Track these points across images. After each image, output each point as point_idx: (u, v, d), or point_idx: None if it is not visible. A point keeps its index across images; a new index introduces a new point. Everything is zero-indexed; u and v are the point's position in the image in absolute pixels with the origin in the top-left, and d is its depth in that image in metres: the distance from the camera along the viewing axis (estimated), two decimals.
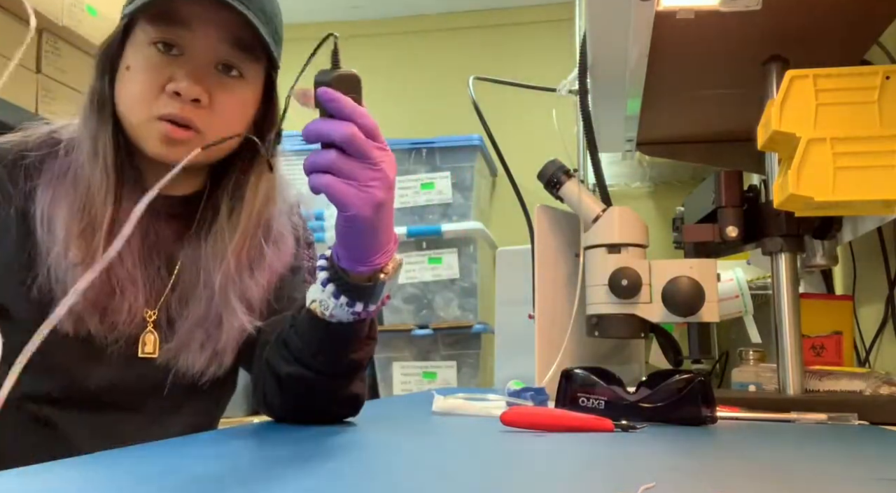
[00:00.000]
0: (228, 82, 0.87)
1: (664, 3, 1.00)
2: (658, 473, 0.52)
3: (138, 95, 0.85)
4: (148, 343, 0.88)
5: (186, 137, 0.84)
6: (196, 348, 0.88)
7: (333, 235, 0.74)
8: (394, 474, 0.52)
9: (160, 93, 0.84)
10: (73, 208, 0.84)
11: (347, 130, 0.66)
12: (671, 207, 2.07)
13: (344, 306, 0.75)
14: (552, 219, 1.25)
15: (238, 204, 0.92)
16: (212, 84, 0.85)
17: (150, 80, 0.84)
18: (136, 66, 0.85)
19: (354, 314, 0.76)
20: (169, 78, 0.84)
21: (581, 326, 1.17)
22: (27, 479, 0.48)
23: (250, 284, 0.91)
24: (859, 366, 1.54)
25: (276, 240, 0.95)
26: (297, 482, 0.48)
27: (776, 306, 1.13)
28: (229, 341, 0.89)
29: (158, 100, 0.84)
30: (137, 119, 0.85)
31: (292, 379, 0.81)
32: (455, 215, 2.73)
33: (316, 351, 0.79)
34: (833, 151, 0.89)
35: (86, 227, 0.84)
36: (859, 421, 0.91)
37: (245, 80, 0.88)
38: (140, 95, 0.85)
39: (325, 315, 0.76)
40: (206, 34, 0.85)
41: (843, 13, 1.04)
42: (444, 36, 3.30)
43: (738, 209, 1.16)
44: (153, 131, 0.85)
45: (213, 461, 0.56)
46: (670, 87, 1.29)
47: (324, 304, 0.75)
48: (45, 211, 0.84)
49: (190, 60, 0.85)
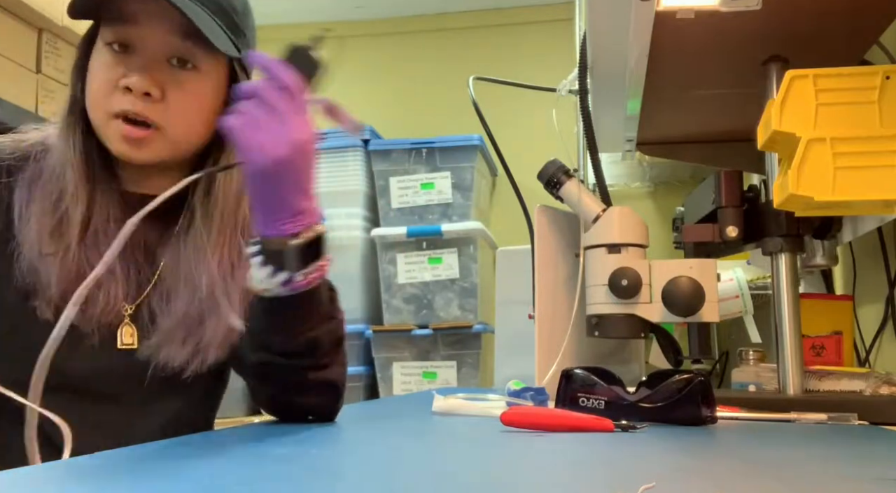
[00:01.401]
0: (182, 75, 0.87)
1: (664, 3, 1.00)
2: (658, 473, 0.52)
3: (95, 93, 0.87)
4: (126, 335, 0.90)
5: (144, 136, 0.86)
6: (177, 344, 0.89)
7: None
8: (394, 474, 0.52)
9: (114, 90, 0.85)
10: (46, 205, 0.88)
11: (253, 87, 0.72)
12: (671, 207, 2.07)
13: (268, 276, 0.75)
14: (552, 219, 1.25)
15: (211, 203, 0.92)
16: (164, 78, 0.86)
17: (105, 78, 0.86)
18: (94, 67, 0.88)
19: (283, 285, 0.76)
20: (122, 75, 0.85)
21: (581, 326, 1.17)
22: (21, 479, 0.48)
23: (232, 284, 0.91)
24: (859, 366, 1.54)
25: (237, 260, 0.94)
26: (296, 482, 0.48)
27: (776, 306, 1.13)
28: (214, 338, 0.90)
29: (112, 97, 0.85)
30: (98, 118, 0.88)
31: (260, 366, 0.83)
32: (455, 215, 2.73)
33: (269, 331, 0.80)
34: (833, 151, 0.89)
35: (58, 222, 0.87)
36: (859, 421, 0.91)
37: (201, 73, 0.88)
38: (96, 94, 0.87)
39: (260, 289, 0.77)
40: (155, 29, 0.86)
41: (843, 13, 1.04)
42: (444, 36, 3.30)
43: (738, 209, 1.16)
44: (112, 130, 0.87)
45: (213, 461, 0.56)
46: (670, 87, 1.29)
47: (256, 277, 0.77)
48: (22, 208, 0.88)
49: (141, 56, 0.86)
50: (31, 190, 0.89)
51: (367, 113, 3.16)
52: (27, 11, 1.65)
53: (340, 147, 2.79)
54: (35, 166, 0.91)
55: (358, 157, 2.78)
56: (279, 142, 0.72)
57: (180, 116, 0.88)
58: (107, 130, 0.87)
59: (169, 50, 0.86)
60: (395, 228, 2.71)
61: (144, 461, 0.56)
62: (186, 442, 0.67)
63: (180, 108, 0.87)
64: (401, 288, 2.69)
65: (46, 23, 1.71)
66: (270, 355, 0.81)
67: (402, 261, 2.71)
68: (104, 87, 0.86)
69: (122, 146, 0.87)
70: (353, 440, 0.73)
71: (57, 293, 0.85)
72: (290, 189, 0.75)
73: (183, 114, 0.88)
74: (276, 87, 0.72)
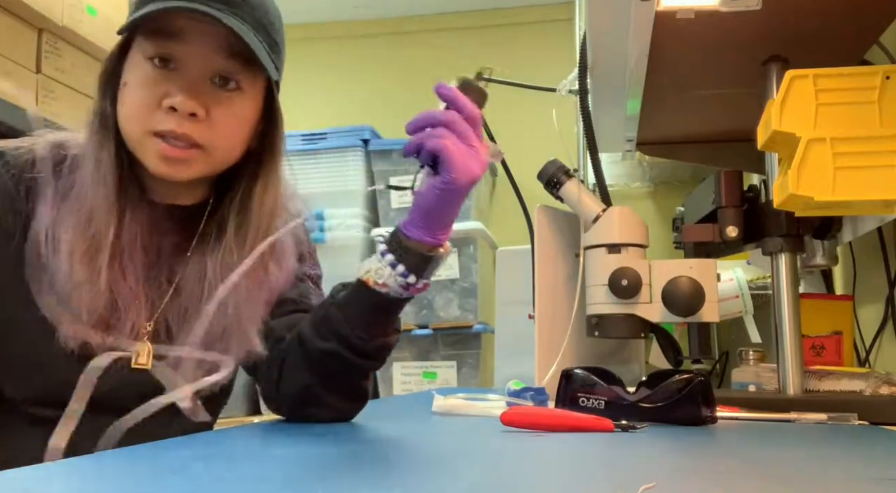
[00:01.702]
0: (225, 95, 0.86)
1: (664, 3, 1.00)
2: (658, 473, 0.52)
3: (135, 110, 0.84)
4: (141, 354, 0.87)
5: (187, 156, 0.85)
6: (192, 368, 0.88)
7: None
8: (394, 474, 0.52)
9: (156, 108, 0.83)
10: (78, 229, 0.84)
11: (453, 115, 0.77)
12: (671, 207, 2.07)
13: (399, 276, 0.79)
14: (552, 219, 1.25)
15: (245, 218, 0.92)
16: (208, 98, 0.85)
17: (146, 95, 0.84)
18: (133, 81, 0.85)
19: (405, 287, 0.80)
20: (165, 93, 0.83)
21: (581, 326, 1.17)
22: (25, 479, 0.48)
23: (257, 303, 0.91)
24: (859, 366, 1.54)
25: (278, 257, 0.94)
26: (296, 482, 0.48)
27: (776, 306, 1.13)
28: (232, 357, 0.89)
29: (154, 115, 0.83)
30: (135, 135, 0.85)
31: (326, 356, 0.83)
32: None
33: (356, 323, 0.82)
34: (833, 151, 0.89)
35: (89, 246, 0.84)
36: (859, 421, 0.91)
37: (243, 92, 0.88)
38: (136, 111, 0.84)
39: (378, 285, 0.80)
40: (201, 47, 0.84)
41: (843, 13, 1.04)
42: (444, 36, 3.30)
43: (738, 209, 1.16)
44: (150, 148, 0.85)
45: (213, 461, 0.56)
46: (670, 87, 1.29)
47: (378, 273, 0.80)
48: (49, 231, 0.84)
49: (185, 74, 0.84)
50: (58, 208, 0.85)
51: (366, 113, 3.16)
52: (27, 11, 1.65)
53: (340, 147, 2.78)
54: (61, 182, 0.87)
55: (358, 157, 2.78)
56: (478, 165, 0.78)
57: (224, 137, 0.87)
58: (144, 147, 0.85)
59: (213, 69, 0.85)
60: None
61: (144, 461, 0.56)
62: (186, 443, 0.67)
63: (224, 128, 0.86)
64: None
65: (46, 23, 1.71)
66: (342, 348, 0.83)
67: None
68: (145, 104, 0.84)
69: (160, 166, 0.85)
70: (354, 440, 0.73)
71: (88, 321, 0.83)
72: (458, 207, 0.80)
73: (226, 134, 0.87)
74: (464, 117, 0.78)
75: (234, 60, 0.85)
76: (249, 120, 0.90)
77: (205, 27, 0.83)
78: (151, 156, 0.85)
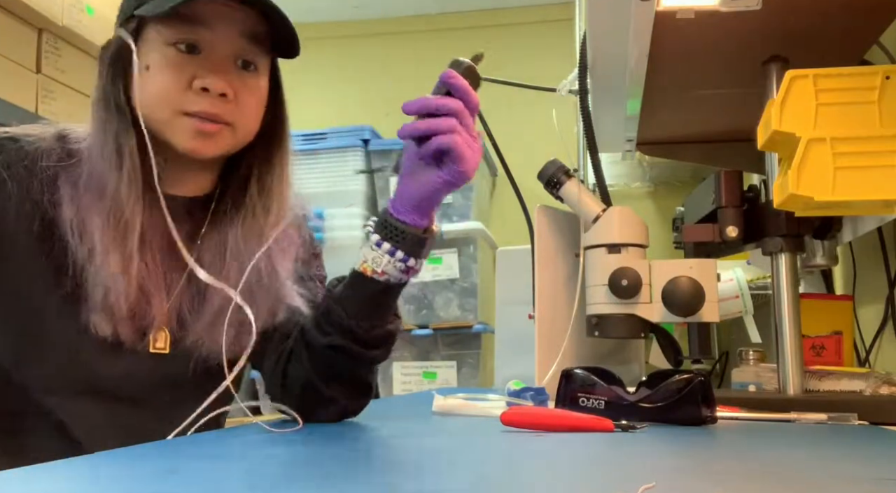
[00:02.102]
0: (247, 76, 0.90)
1: (664, 3, 1.00)
2: (658, 473, 0.52)
3: (163, 92, 0.86)
4: (159, 339, 0.90)
5: (217, 130, 0.87)
6: (213, 339, 0.89)
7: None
8: (393, 473, 0.52)
9: (186, 90, 0.86)
10: (105, 218, 0.85)
11: (460, 105, 0.79)
12: (671, 207, 2.07)
13: (398, 262, 0.83)
14: (552, 219, 1.25)
15: (267, 186, 0.95)
16: (233, 79, 0.88)
17: (175, 78, 0.86)
18: (157, 65, 0.87)
19: (405, 271, 0.83)
20: (193, 75, 0.86)
21: (581, 326, 1.17)
22: (30, 478, 0.48)
23: (283, 269, 0.93)
24: (859, 366, 1.54)
25: (284, 247, 0.96)
26: (296, 482, 0.48)
27: (776, 306, 1.13)
28: (259, 315, 0.89)
29: (185, 96, 0.86)
30: (164, 116, 0.87)
31: (330, 350, 0.85)
32: (455, 215, 2.73)
33: (358, 314, 0.84)
34: (833, 151, 0.89)
35: (120, 236, 0.85)
36: (859, 421, 0.91)
37: (259, 73, 0.92)
38: (165, 93, 0.86)
39: (376, 273, 0.83)
40: (227, 32, 0.87)
41: (843, 13, 1.04)
42: (444, 36, 3.30)
43: (738, 209, 1.16)
44: (183, 127, 0.87)
45: (213, 461, 0.56)
46: (670, 87, 1.29)
47: (376, 262, 0.83)
48: (74, 221, 0.85)
49: (211, 57, 0.87)
50: (82, 198, 0.86)
51: (366, 113, 3.16)
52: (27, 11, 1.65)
53: (340, 147, 2.79)
54: (73, 171, 0.87)
55: (358, 157, 2.78)
56: (477, 157, 0.81)
57: (248, 115, 0.91)
58: (176, 127, 0.87)
59: (236, 52, 0.88)
60: None
61: (145, 461, 0.56)
62: (188, 442, 0.67)
63: (249, 107, 0.90)
64: None
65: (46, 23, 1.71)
66: (345, 340, 0.85)
67: None
68: (174, 86, 0.86)
69: (193, 142, 0.87)
70: (353, 439, 0.73)
71: (120, 311, 0.84)
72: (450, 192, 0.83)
73: (251, 112, 0.91)
74: (469, 108, 0.80)
75: (253, 43, 0.89)
76: (265, 99, 0.94)
77: (229, 13, 0.87)
78: (183, 133, 0.87)
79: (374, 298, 0.84)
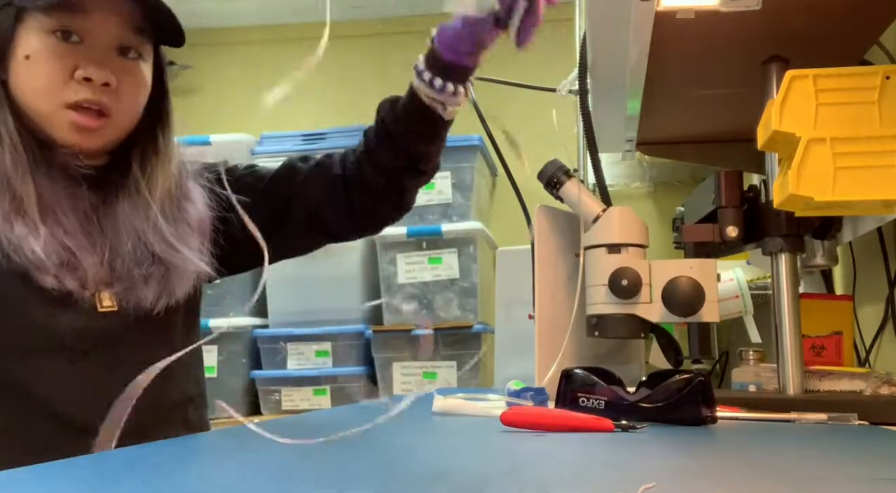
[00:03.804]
0: (129, 65, 0.92)
1: (664, 3, 1.00)
2: (658, 473, 0.52)
3: (44, 83, 0.87)
4: (105, 299, 0.93)
5: (98, 125, 0.89)
6: (141, 283, 0.93)
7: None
8: (393, 473, 0.52)
9: (68, 80, 0.87)
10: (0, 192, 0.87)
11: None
12: (671, 207, 2.07)
13: (449, 90, 0.95)
14: (552, 219, 1.25)
15: (151, 168, 0.98)
16: (115, 68, 0.90)
17: (56, 68, 0.87)
18: (37, 55, 0.87)
19: (453, 95, 0.97)
20: (75, 65, 0.87)
21: (581, 326, 1.17)
22: (9, 480, 0.48)
23: (185, 233, 0.99)
24: (859, 366, 1.54)
25: (186, 195, 1.02)
26: (295, 482, 0.48)
27: (776, 306, 1.13)
28: (180, 275, 0.96)
29: (67, 87, 0.87)
30: (45, 108, 0.88)
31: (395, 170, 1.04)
32: (455, 215, 2.73)
33: (417, 139, 1.01)
34: (833, 151, 0.89)
35: (15, 205, 0.87)
36: (859, 421, 0.91)
37: (143, 61, 0.94)
38: (46, 84, 0.87)
39: (435, 99, 0.97)
40: (106, 20, 0.89)
41: (843, 13, 1.04)
42: None
43: (738, 209, 1.16)
44: (62, 121, 0.88)
45: (211, 462, 0.56)
46: (670, 87, 1.29)
47: (428, 92, 0.97)
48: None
49: (93, 47, 0.88)
50: None
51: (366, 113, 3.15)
52: None
53: (340, 147, 2.78)
54: None
55: None
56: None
57: (130, 104, 0.93)
58: (55, 119, 0.88)
59: (118, 41, 0.90)
60: (395, 228, 2.71)
61: (140, 462, 0.56)
62: (182, 442, 0.67)
63: (130, 96, 0.92)
64: (401, 288, 2.69)
65: None
66: (410, 166, 1.02)
67: (401, 261, 2.71)
68: (56, 77, 0.87)
69: (72, 136, 0.89)
70: (353, 439, 0.73)
71: (55, 262, 0.87)
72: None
73: (132, 101, 0.93)
74: None
75: (135, 32, 0.91)
76: (147, 86, 0.96)
77: (108, 2, 0.88)
78: (63, 128, 0.89)
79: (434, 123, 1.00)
